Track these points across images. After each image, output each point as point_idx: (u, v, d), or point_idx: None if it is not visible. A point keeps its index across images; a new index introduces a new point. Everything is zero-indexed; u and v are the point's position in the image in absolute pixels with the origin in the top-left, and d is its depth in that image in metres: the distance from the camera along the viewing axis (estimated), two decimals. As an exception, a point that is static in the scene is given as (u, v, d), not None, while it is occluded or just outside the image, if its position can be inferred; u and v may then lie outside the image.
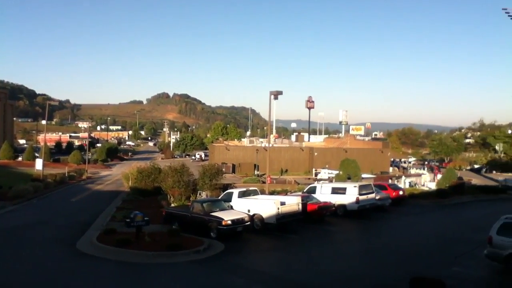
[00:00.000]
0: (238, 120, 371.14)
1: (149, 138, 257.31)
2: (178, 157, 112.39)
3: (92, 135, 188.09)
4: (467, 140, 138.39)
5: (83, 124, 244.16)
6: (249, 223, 21.74)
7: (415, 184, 44.24)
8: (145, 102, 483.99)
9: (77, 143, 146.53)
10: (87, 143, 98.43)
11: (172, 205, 28.35)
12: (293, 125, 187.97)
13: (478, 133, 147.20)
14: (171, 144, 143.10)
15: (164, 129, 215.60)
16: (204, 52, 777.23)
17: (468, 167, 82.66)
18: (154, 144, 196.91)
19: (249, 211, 23.09)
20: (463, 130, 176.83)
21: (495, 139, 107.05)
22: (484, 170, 75.78)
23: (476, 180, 53.51)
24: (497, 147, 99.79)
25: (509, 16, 59.30)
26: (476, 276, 15.44)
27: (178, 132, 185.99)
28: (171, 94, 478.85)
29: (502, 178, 55.62)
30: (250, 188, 28.04)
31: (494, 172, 73.10)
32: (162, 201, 30.86)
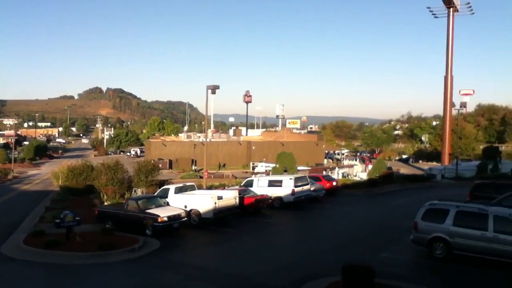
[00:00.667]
0: (175, 115, 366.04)
1: (82, 134, 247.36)
2: (112, 154, 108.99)
3: (19, 132, 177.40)
4: (396, 132, 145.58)
5: (8, 121, 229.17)
6: (185, 219, 21.57)
7: (348, 175, 45.98)
8: (76, 97, 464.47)
9: (1, 141, 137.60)
10: (13, 141, 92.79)
11: (106, 203, 27.52)
12: (231, 119, 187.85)
13: (406, 125, 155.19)
14: (105, 141, 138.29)
15: (97, 125, 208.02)
16: (139, 45, 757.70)
17: (397, 158, 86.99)
18: (88, 141, 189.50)
19: (186, 206, 22.89)
20: (392, 123, 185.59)
21: (421, 131, 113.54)
22: (411, 160, 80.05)
23: (404, 170, 56.41)
24: (423, 138, 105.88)
25: (433, 14, 63.20)
26: (403, 260, 16.32)
27: (112, 128, 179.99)
28: (104, 89, 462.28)
29: (427, 167, 59.02)
30: (187, 184, 27.81)
31: (420, 161, 77.46)
32: (95, 199, 29.84)
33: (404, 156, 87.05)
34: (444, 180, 44.77)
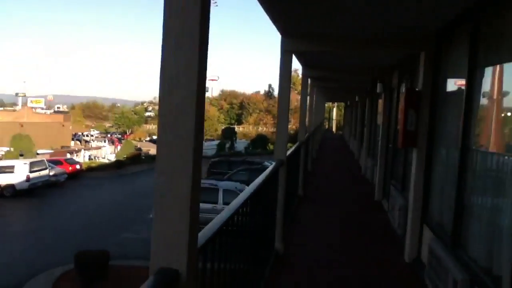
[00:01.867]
0: None
1: None
2: None
3: None
4: (148, 114, 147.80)
5: None
6: None
7: (95, 157, 44.42)
8: None
9: None
10: None
11: None
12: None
13: (157, 107, 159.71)
14: None
15: None
16: None
17: (148, 138, 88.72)
18: None
19: None
20: (145, 104, 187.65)
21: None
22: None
23: (153, 150, 57.75)
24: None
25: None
26: (142, 239, 16.64)
27: None
28: None
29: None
30: None
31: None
32: None
33: (154, 137, 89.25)
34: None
